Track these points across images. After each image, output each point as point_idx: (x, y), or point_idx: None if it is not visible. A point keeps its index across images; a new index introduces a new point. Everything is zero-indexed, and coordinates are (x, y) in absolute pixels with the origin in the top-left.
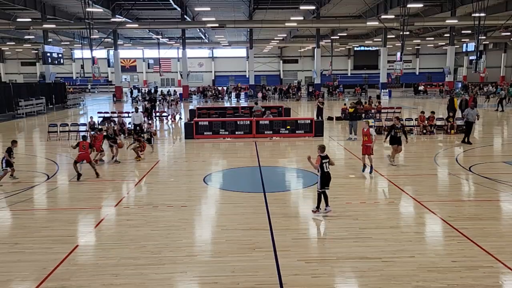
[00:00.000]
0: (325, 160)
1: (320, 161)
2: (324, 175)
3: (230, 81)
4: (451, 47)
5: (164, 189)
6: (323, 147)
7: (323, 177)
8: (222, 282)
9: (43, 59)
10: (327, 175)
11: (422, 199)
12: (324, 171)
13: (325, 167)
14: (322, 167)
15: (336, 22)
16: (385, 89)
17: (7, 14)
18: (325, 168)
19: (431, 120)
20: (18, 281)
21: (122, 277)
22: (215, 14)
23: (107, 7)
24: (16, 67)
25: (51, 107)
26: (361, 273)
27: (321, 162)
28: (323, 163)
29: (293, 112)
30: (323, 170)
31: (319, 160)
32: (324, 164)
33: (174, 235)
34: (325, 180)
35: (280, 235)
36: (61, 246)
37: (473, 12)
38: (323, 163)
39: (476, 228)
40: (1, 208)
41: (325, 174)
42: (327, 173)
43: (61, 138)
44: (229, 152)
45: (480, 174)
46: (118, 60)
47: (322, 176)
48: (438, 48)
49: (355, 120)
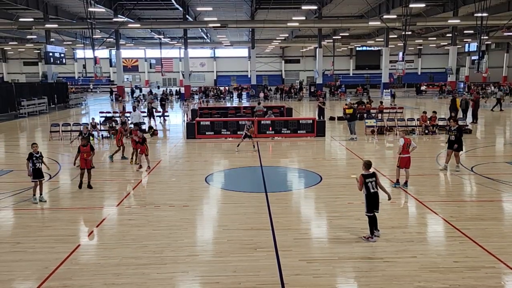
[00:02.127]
0: (370, 179)
1: (363, 181)
2: (370, 196)
3: (232, 81)
4: (453, 47)
5: (166, 189)
6: (369, 164)
7: (369, 198)
8: (223, 282)
9: (45, 59)
10: (374, 195)
11: (424, 199)
12: (370, 192)
13: (370, 187)
14: (367, 187)
15: (338, 22)
16: (387, 89)
17: (9, 14)
18: (371, 188)
19: (433, 120)
20: (20, 281)
21: (123, 276)
22: (217, 14)
23: (109, 7)
24: (18, 67)
25: (53, 106)
26: (363, 273)
27: (365, 181)
28: (368, 183)
29: (295, 112)
30: (368, 191)
31: (362, 180)
32: (370, 183)
33: (175, 235)
34: (372, 201)
35: (281, 235)
36: (63, 245)
37: (475, 12)
38: (368, 182)
39: (478, 229)
40: (4, 208)
41: (371, 195)
42: (373, 194)
43: (63, 138)
44: (230, 152)
45: (482, 174)
46: (120, 60)
47: (367, 197)
48: (440, 48)
49: (353, 120)
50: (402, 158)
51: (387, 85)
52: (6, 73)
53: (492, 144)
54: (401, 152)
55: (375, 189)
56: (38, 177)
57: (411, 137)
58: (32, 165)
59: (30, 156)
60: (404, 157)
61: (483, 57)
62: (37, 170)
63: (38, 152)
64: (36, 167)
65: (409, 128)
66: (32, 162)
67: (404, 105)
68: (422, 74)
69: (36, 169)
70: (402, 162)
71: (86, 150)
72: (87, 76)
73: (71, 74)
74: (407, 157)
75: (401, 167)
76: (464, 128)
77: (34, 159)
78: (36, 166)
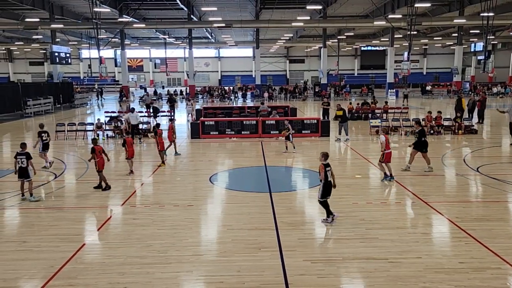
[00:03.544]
0: (328, 168)
1: (324, 169)
2: (327, 184)
3: (237, 81)
4: (459, 47)
5: (170, 189)
6: (327, 155)
7: (326, 186)
8: (227, 281)
9: (51, 59)
10: (330, 183)
11: (429, 199)
12: (327, 180)
13: (328, 175)
14: (326, 175)
15: (343, 22)
16: (392, 89)
17: (15, 14)
18: (329, 176)
19: (438, 120)
20: (26, 279)
21: (128, 275)
22: (222, 14)
23: (115, 7)
24: (24, 66)
25: (58, 106)
26: (367, 274)
27: (325, 170)
28: (327, 171)
29: (299, 112)
30: (326, 179)
31: (323, 169)
32: (328, 172)
33: (180, 235)
34: (328, 189)
35: (286, 235)
36: (68, 244)
37: (482, 12)
38: (327, 171)
39: (484, 229)
40: (9, 207)
41: (328, 183)
42: (329, 182)
43: (68, 137)
44: (235, 152)
45: (488, 175)
46: (125, 60)
47: (325, 185)
48: (446, 48)
49: (345, 122)
50: (387, 153)
51: (392, 85)
52: (12, 73)
53: (498, 144)
54: (385, 148)
55: (331, 178)
56: (21, 177)
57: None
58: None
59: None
60: (388, 152)
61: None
62: (20, 169)
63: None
64: (20, 166)
65: (413, 128)
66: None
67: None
68: (427, 74)
69: (20, 168)
70: (387, 157)
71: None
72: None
73: (77, 74)
74: (390, 152)
75: (385, 162)
76: (470, 128)
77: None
78: (19, 165)
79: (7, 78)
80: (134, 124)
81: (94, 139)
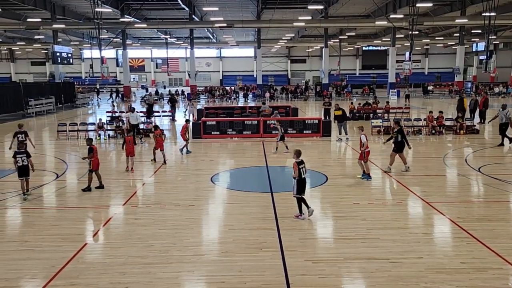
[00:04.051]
0: (302, 166)
1: (297, 167)
2: (301, 181)
3: (238, 81)
4: (461, 46)
5: (171, 189)
6: (300, 152)
7: (300, 183)
8: (229, 281)
9: (53, 59)
10: (304, 180)
11: (430, 199)
12: (302, 177)
13: (302, 172)
14: (300, 173)
15: (344, 21)
16: (394, 89)
17: (17, 14)
18: (303, 173)
19: (439, 120)
20: (28, 279)
21: (129, 275)
22: (223, 14)
23: (116, 7)
24: (26, 66)
25: (60, 106)
26: (369, 274)
27: (298, 167)
28: (301, 169)
29: (301, 112)
30: (300, 176)
31: (297, 166)
32: (302, 169)
33: (181, 234)
34: (302, 185)
35: (287, 235)
36: (70, 244)
37: (483, 12)
38: (300, 168)
39: (486, 230)
40: (11, 207)
41: (302, 180)
42: (304, 179)
43: (70, 137)
44: (236, 152)
45: (489, 175)
46: (126, 60)
47: (299, 181)
48: (447, 48)
49: (342, 121)
50: (367, 152)
51: (394, 85)
52: (14, 73)
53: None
54: (365, 147)
55: (305, 174)
56: (22, 175)
57: (418, 137)
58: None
59: (14, 154)
60: (368, 151)
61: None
62: (22, 167)
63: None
64: (22, 164)
65: (416, 128)
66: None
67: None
68: (429, 74)
69: (21, 166)
70: (367, 156)
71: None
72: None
73: (78, 74)
74: (369, 151)
75: (365, 161)
76: (472, 128)
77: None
78: (20, 164)
79: (9, 78)
80: (134, 124)
81: (89, 139)
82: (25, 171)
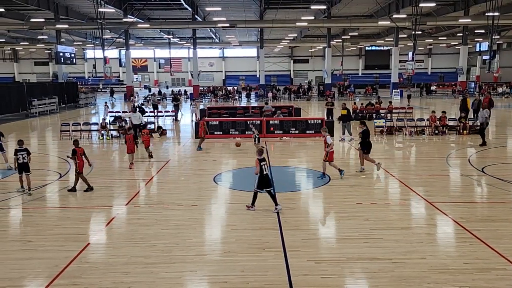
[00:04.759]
0: (263, 163)
1: (259, 164)
2: (262, 177)
3: (241, 81)
4: (464, 46)
5: (174, 188)
6: (262, 150)
7: (262, 179)
8: (231, 281)
9: (56, 59)
10: (266, 176)
11: (433, 200)
12: (263, 173)
13: (264, 169)
14: (261, 169)
15: (347, 21)
16: (397, 89)
17: (20, 15)
18: (264, 170)
19: (442, 120)
20: (31, 278)
21: (132, 275)
22: (226, 14)
23: (119, 7)
24: (29, 67)
25: (63, 106)
26: (372, 274)
27: (260, 164)
28: (262, 166)
29: (304, 112)
30: (262, 173)
31: (258, 163)
32: (263, 166)
33: (184, 234)
34: (264, 181)
35: (289, 235)
36: (73, 244)
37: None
38: (262, 165)
39: (489, 230)
40: (14, 206)
41: (264, 176)
42: (265, 175)
43: (73, 137)
44: (239, 152)
45: (493, 175)
46: (129, 60)
47: (260, 177)
48: (450, 48)
49: (346, 121)
50: (331, 152)
51: (397, 85)
52: (18, 73)
53: (503, 144)
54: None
55: (267, 171)
56: (22, 171)
57: (421, 137)
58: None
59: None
60: (332, 151)
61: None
62: (22, 164)
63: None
64: (22, 161)
65: (419, 128)
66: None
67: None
68: (432, 74)
69: (22, 163)
70: (330, 156)
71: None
72: (97, 76)
73: (81, 74)
74: (333, 151)
75: (328, 161)
76: (475, 129)
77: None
78: (21, 161)
79: (12, 78)
80: (136, 124)
81: (75, 141)
82: (25, 168)
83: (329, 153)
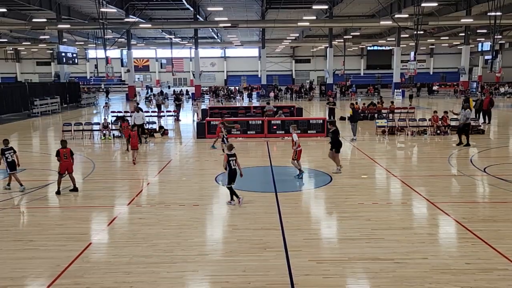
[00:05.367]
0: (232, 158)
1: (227, 159)
2: (231, 172)
3: (242, 81)
4: (466, 46)
5: (176, 188)
6: (232, 146)
7: (230, 174)
8: (233, 281)
9: (58, 59)
10: (234, 171)
11: (435, 200)
12: (231, 168)
13: (232, 164)
14: (229, 164)
15: (349, 21)
16: (399, 89)
17: (22, 15)
18: (232, 165)
19: (444, 120)
20: (33, 278)
21: (134, 275)
22: (228, 14)
23: (121, 7)
24: (31, 66)
25: (65, 106)
26: (373, 274)
27: (228, 160)
28: (230, 161)
29: (305, 112)
30: (230, 167)
31: (226, 158)
32: (232, 161)
33: (185, 234)
34: (232, 176)
35: (291, 235)
36: (75, 243)
37: (489, 11)
38: (230, 160)
39: (491, 230)
40: (16, 206)
41: (232, 171)
42: (234, 170)
43: (75, 137)
44: (240, 152)
45: (495, 175)
46: (131, 60)
47: (229, 172)
48: (452, 48)
49: (355, 122)
50: (299, 151)
51: (399, 85)
52: (20, 73)
53: (506, 144)
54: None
55: (235, 166)
56: (12, 170)
57: (422, 137)
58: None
59: (2, 151)
60: (299, 149)
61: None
62: (11, 163)
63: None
64: (12, 160)
65: (421, 128)
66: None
67: (415, 105)
68: (434, 74)
69: (11, 162)
70: (299, 155)
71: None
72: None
73: (83, 74)
74: (301, 149)
75: (297, 160)
76: (477, 129)
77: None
78: (10, 160)
79: (14, 78)
80: (139, 124)
81: (63, 141)
82: (13, 166)
83: (297, 152)
